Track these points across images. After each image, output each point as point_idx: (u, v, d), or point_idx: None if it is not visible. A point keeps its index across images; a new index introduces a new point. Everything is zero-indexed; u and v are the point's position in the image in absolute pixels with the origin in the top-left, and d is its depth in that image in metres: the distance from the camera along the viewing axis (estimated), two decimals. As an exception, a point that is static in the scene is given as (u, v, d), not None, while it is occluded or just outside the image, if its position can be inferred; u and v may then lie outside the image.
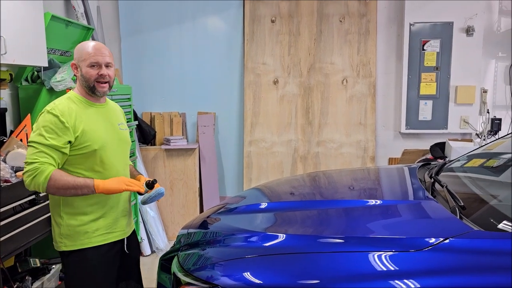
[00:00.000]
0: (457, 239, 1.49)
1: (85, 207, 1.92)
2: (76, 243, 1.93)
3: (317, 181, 2.76)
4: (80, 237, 1.93)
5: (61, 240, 1.94)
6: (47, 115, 1.85)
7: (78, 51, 1.96)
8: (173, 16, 4.48)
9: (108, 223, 1.98)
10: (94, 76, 1.92)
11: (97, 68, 1.92)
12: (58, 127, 1.83)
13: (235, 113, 4.59)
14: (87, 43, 1.98)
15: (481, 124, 4.39)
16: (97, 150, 1.90)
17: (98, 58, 1.92)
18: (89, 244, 1.94)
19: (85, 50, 1.93)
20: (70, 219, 1.92)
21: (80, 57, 1.93)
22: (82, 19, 3.75)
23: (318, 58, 4.43)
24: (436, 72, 4.31)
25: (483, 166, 2.38)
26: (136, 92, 4.28)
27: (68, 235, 1.93)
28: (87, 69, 1.91)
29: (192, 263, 1.75)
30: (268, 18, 4.42)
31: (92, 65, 1.91)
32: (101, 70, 1.92)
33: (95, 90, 1.94)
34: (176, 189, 4.29)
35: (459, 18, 4.22)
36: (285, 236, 1.74)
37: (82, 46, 1.96)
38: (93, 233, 1.94)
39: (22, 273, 2.68)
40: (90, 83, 1.93)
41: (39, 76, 3.06)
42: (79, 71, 1.94)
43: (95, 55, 1.91)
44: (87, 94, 1.96)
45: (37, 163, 1.79)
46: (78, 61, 1.94)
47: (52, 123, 1.83)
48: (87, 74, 1.92)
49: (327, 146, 4.48)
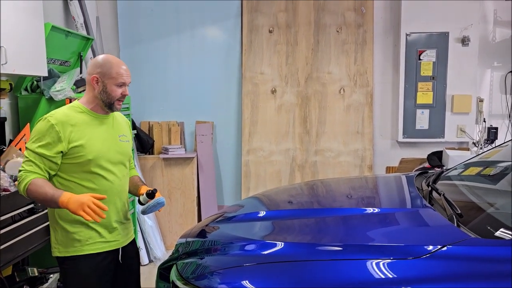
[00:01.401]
0: (455, 247, 1.50)
1: (77, 217, 1.89)
2: (68, 250, 1.94)
3: (315, 190, 2.77)
4: (74, 244, 1.94)
5: (56, 246, 1.97)
6: (43, 122, 1.89)
7: (104, 66, 1.93)
8: (171, 26, 4.51)
9: (102, 233, 1.98)
10: (118, 95, 1.96)
11: (122, 87, 1.96)
12: (50, 135, 1.85)
13: (233, 122, 4.61)
14: (114, 60, 1.97)
15: (478, 133, 4.42)
16: (91, 160, 1.91)
17: (126, 80, 1.96)
18: (81, 251, 1.94)
19: (115, 70, 1.93)
20: (64, 226, 1.94)
21: (107, 73, 1.92)
22: (82, 30, 3.78)
23: (316, 68, 4.47)
24: (433, 82, 4.35)
25: (480, 174, 2.40)
26: (134, 102, 4.30)
27: (62, 241, 1.95)
28: (113, 88, 1.93)
29: (191, 272, 1.76)
30: (266, 28, 4.46)
31: (120, 85, 1.94)
32: (125, 90, 1.97)
33: (113, 107, 1.98)
34: (174, 198, 4.29)
35: (454, 28, 4.27)
36: (284, 244, 1.75)
37: (110, 63, 1.94)
38: (86, 241, 1.94)
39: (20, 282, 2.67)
40: (112, 101, 1.95)
41: (39, 85, 3.07)
42: (100, 86, 1.93)
43: (125, 76, 1.95)
44: (100, 108, 1.98)
45: (23, 171, 1.85)
46: (104, 76, 1.93)
47: (46, 131, 1.86)
48: (112, 92, 1.93)
49: (325, 155, 4.50)
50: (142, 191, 2.10)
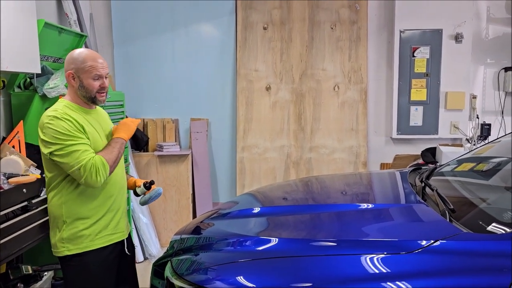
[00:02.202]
0: (447, 241, 1.51)
1: (87, 211, 1.94)
2: (79, 246, 1.94)
3: (310, 186, 2.78)
4: (84, 240, 1.94)
5: (63, 245, 1.94)
6: (55, 120, 1.83)
7: (76, 61, 1.91)
8: (166, 23, 4.50)
9: (110, 224, 2.01)
10: (97, 88, 1.93)
11: (99, 80, 1.93)
12: (74, 127, 1.85)
13: (228, 119, 4.61)
14: (84, 52, 1.94)
15: (471, 129, 4.45)
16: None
17: (101, 71, 1.93)
18: (92, 246, 1.95)
19: (87, 63, 1.90)
20: (73, 223, 1.93)
21: (81, 68, 1.90)
22: (75, 27, 3.76)
23: (310, 65, 4.47)
24: (426, 79, 4.37)
25: (473, 170, 2.42)
26: (129, 99, 4.28)
27: (70, 239, 1.93)
28: (90, 81, 1.91)
29: (186, 268, 1.76)
30: (260, 25, 4.46)
31: (95, 78, 1.91)
32: (103, 82, 1.95)
33: (96, 100, 1.96)
34: (168, 196, 4.29)
35: (448, 25, 4.29)
36: (278, 240, 1.75)
37: (81, 57, 1.91)
38: (96, 236, 1.96)
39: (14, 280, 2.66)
40: (92, 94, 1.94)
41: (32, 82, 3.05)
42: (77, 81, 1.91)
43: (98, 68, 1.92)
44: (84, 103, 1.97)
45: (87, 160, 1.81)
46: (77, 71, 1.90)
47: (68, 125, 1.84)
48: (89, 86, 1.91)
49: (320, 151, 4.51)
50: (138, 183, 2.13)
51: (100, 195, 1.96)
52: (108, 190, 1.99)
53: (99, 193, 1.96)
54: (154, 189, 2.06)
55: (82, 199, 1.92)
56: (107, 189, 1.98)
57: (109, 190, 1.99)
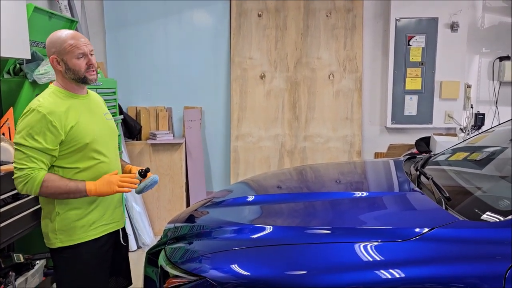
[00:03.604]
0: (443, 229, 1.51)
1: (79, 202, 1.89)
2: (73, 238, 1.89)
3: (304, 175, 2.77)
4: (77, 232, 1.89)
5: (56, 236, 1.89)
6: (33, 114, 1.77)
7: (55, 43, 1.84)
8: (158, 9, 4.43)
9: (105, 214, 1.97)
10: (84, 67, 1.85)
11: (85, 58, 1.86)
12: (46, 127, 1.76)
13: (222, 108, 4.57)
14: (62, 33, 1.85)
15: (465, 119, 4.45)
16: (88, 143, 1.87)
17: (84, 48, 1.85)
18: (86, 238, 1.91)
19: (67, 42, 1.82)
20: (66, 214, 1.88)
21: (61, 50, 1.82)
22: (66, 12, 3.68)
23: (305, 53, 4.43)
24: (421, 67, 4.36)
25: (467, 159, 2.42)
26: (121, 86, 4.22)
27: (63, 230, 1.88)
28: (75, 61, 1.83)
29: (180, 256, 1.74)
30: (255, 12, 4.40)
31: (79, 57, 1.84)
32: (90, 60, 1.87)
33: (86, 80, 1.88)
34: (162, 184, 4.26)
35: (444, 14, 4.26)
36: (273, 228, 1.74)
37: (60, 38, 1.84)
38: (90, 226, 1.91)
39: (5, 268, 2.62)
40: (80, 75, 1.86)
41: (22, 68, 2.99)
42: (62, 65, 1.84)
43: (80, 45, 1.84)
44: (74, 87, 1.90)
45: (28, 169, 1.75)
46: (60, 54, 1.83)
47: (40, 123, 1.76)
48: (76, 66, 1.83)
49: (314, 140, 4.49)
50: (134, 170, 2.07)
51: None
52: None
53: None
54: (150, 177, 2.00)
55: None
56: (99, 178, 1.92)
57: None
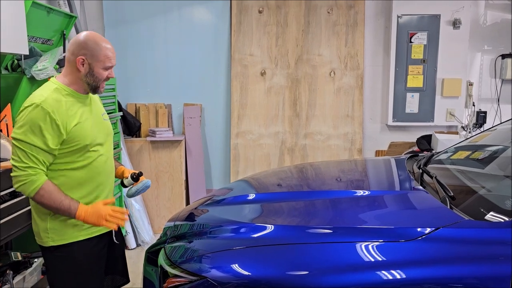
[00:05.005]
0: (449, 229, 1.48)
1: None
2: (65, 237, 1.85)
3: (305, 173, 2.74)
4: (69, 231, 1.86)
5: (48, 235, 1.85)
6: (37, 110, 1.72)
7: (91, 48, 1.82)
8: (158, 5, 4.39)
9: None
10: (104, 78, 1.87)
11: (108, 70, 1.87)
12: (50, 126, 1.73)
13: (222, 105, 4.54)
14: (100, 41, 1.84)
15: (467, 117, 4.42)
16: (88, 145, 1.84)
17: (113, 62, 1.88)
18: (78, 237, 1.87)
19: (103, 52, 1.82)
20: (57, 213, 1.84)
21: (95, 56, 1.81)
22: (65, 7, 3.65)
23: (306, 50, 4.40)
24: (423, 65, 4.32)
25: (469, 158, 2.39)
26: (120, 83, 4.19)
27: (55, 229, 1.85)
28: (101, 71, 1.84)
29: (179, 255, 1.72)
30: (256, 9, 4.36)
31: (107, 68, 1.85)
32: (111, 73, 1.89)
33: (97, 89, 1.89)
34: (161, 182, 4.23)
35: (446, 11, 4.23)
36: (273, 227, 1.72)
37: (98, 45, 1.82)
38: (83, 225, 1.87)
39: (3, 267, 2.61)
40: (97, 83, 1.86)
41: (20, 64, 2.96)
42: (86, 68, 1.82)
43: (112, 59, 1.86)
44: (83, 88, 1.87)
45: (30, 170, 1.71)
46: (91, 59, 1.81)
47: (44, 121, 1.72)
48: (99, 75, 1.84)
49: (315, 138, 4.47)
50: (126, 174, 2.04)
51: (86, 183, 1.87)
52: (95, 179, 1.89)
53: (84, 182, 1.86)
54: (142, 181, 1.97)
55: (67, 188, 1.82)
56: (94, 177, 1.88)
57: (96, 179, 1.89)
